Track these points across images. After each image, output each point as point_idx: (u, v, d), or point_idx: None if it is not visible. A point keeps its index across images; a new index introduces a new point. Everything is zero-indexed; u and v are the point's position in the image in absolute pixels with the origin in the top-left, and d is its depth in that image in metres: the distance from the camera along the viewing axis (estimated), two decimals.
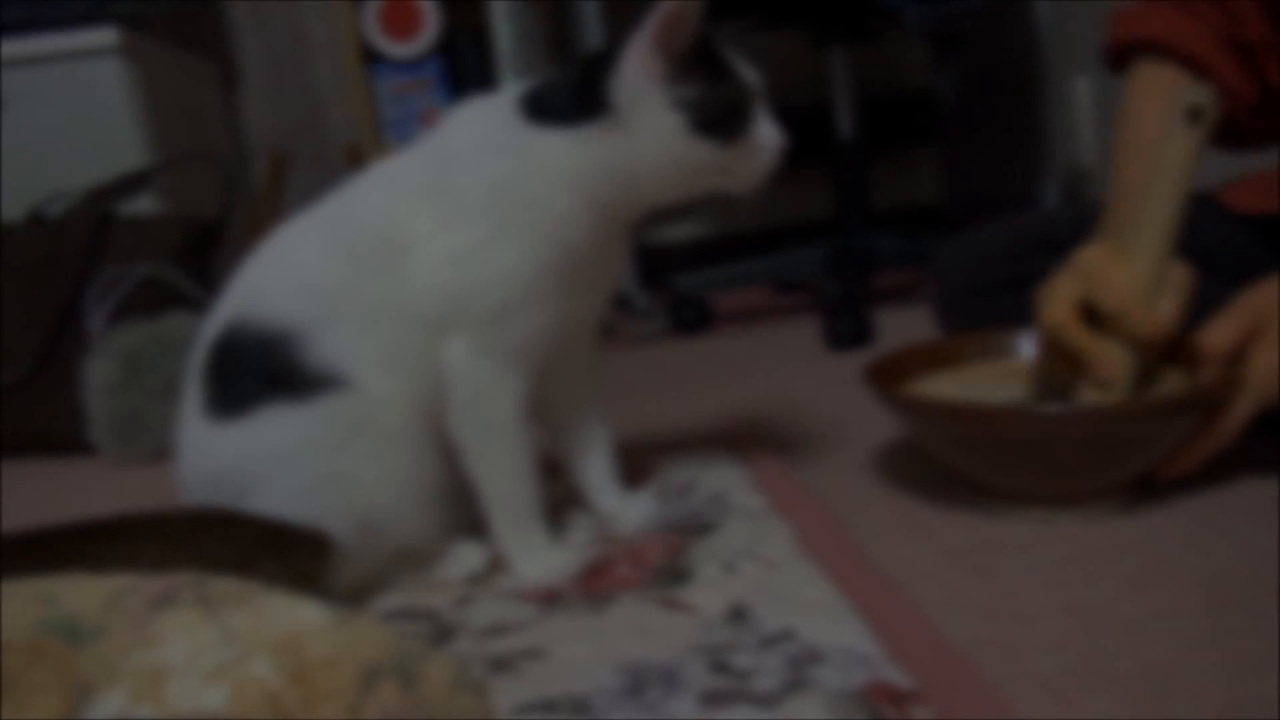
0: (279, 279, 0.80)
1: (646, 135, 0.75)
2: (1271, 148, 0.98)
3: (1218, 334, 0.78)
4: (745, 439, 1.12)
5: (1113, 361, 0.81)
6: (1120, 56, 0.98)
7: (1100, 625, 0.64)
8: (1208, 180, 1.01)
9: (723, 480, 0.97)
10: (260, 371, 0.77)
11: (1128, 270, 0.81)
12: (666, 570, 0.79)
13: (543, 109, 0.78)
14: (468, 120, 0.81)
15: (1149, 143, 0.89)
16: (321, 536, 0.74)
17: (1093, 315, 0.83)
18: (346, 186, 0.84)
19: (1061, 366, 0.87)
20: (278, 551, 0.71)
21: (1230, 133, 0.97)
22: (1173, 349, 0.84)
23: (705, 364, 1.61)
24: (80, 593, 0.50)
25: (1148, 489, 0.83)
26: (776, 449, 1.08)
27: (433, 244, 0.77)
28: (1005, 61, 2.36)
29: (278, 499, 0.75)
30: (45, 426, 1.53)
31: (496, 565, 0.84)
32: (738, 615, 0.70)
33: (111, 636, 0.49)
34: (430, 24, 2.05)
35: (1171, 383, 0.87)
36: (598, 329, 0.91)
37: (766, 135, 0.78)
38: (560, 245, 0.77)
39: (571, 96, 0.77)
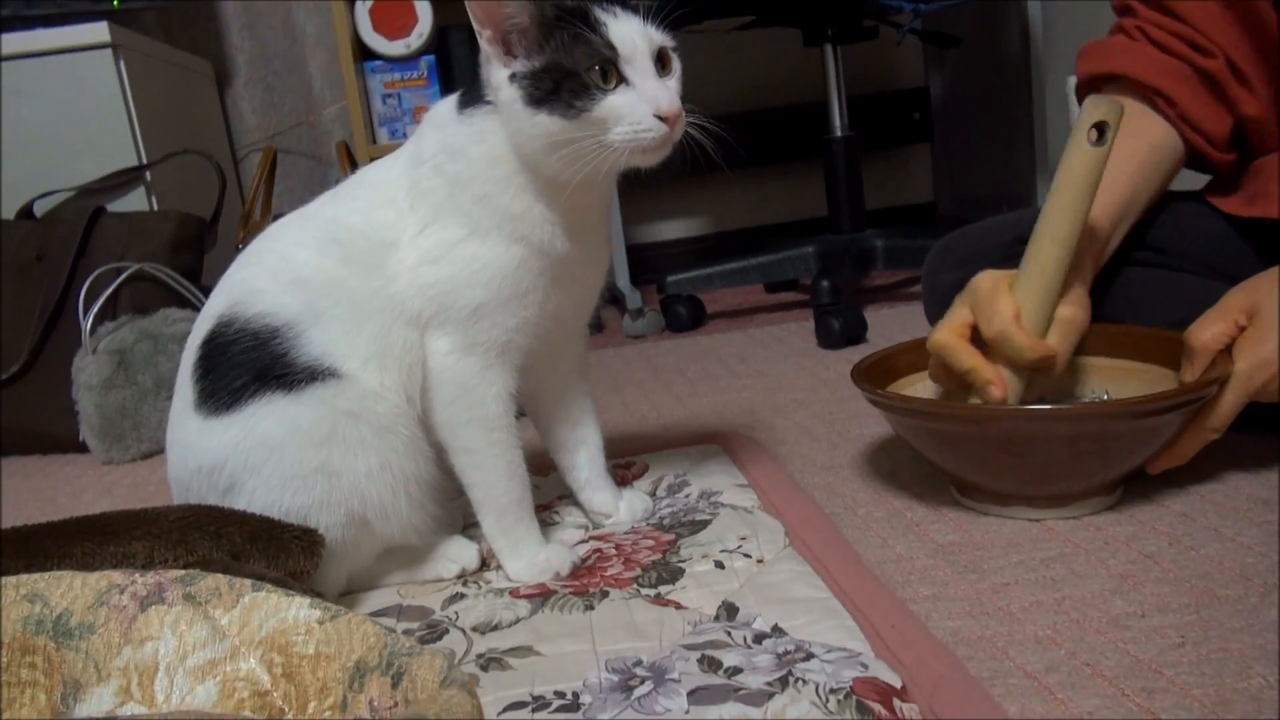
0: (271, 276, 0.80)
1: (504, 112, 0.75)
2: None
3: (1206, 330, 0.79)
4: (737, 437, 1.12)
5: (1001, 381, 0.81)
6: (1089, 90, 0.98)
7: (1088, 622, 0.65)
8: (1193, 184, 1.02)
9: (714, 478, 0.97)
10: (251, 366, 0.77)
11: (1013, 296, 0.81)
12: (657, 568, 0.79)
13: (469, 97, 0.79)
14: (432, 122, 0.82)
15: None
16: (311, 534, 0.74)
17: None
18: (338, 189, 0.85)
19: (950, 385, 0.87)
20: (267, 549, 0.71)
21: (1202, 164, 0.96)
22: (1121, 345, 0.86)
23: (697, 362, 1.61)
24: (70, 590, 0.51)
25: (1134, 487, 0.84)
26: (768, 447, 1.09)
27: (415, 244, 0.78)
28: (998, 60, 2.36)
29: (266, 491, 0.75)
30: (36, 424, 1.52)
31: (489, 561, 0.84)
32: (728, 613, 0.70)
33: (100, 634, 0.49)
34: (422, 21, 2.04)
35: (1154, 380, 0.87)
36: (587, 326, 0.91)
37: (628, 103, 0.71)
38: (526, 241, 0.77)
39: (479, 80, 0.78)
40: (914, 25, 1.74)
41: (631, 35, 0.72)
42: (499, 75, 0.74)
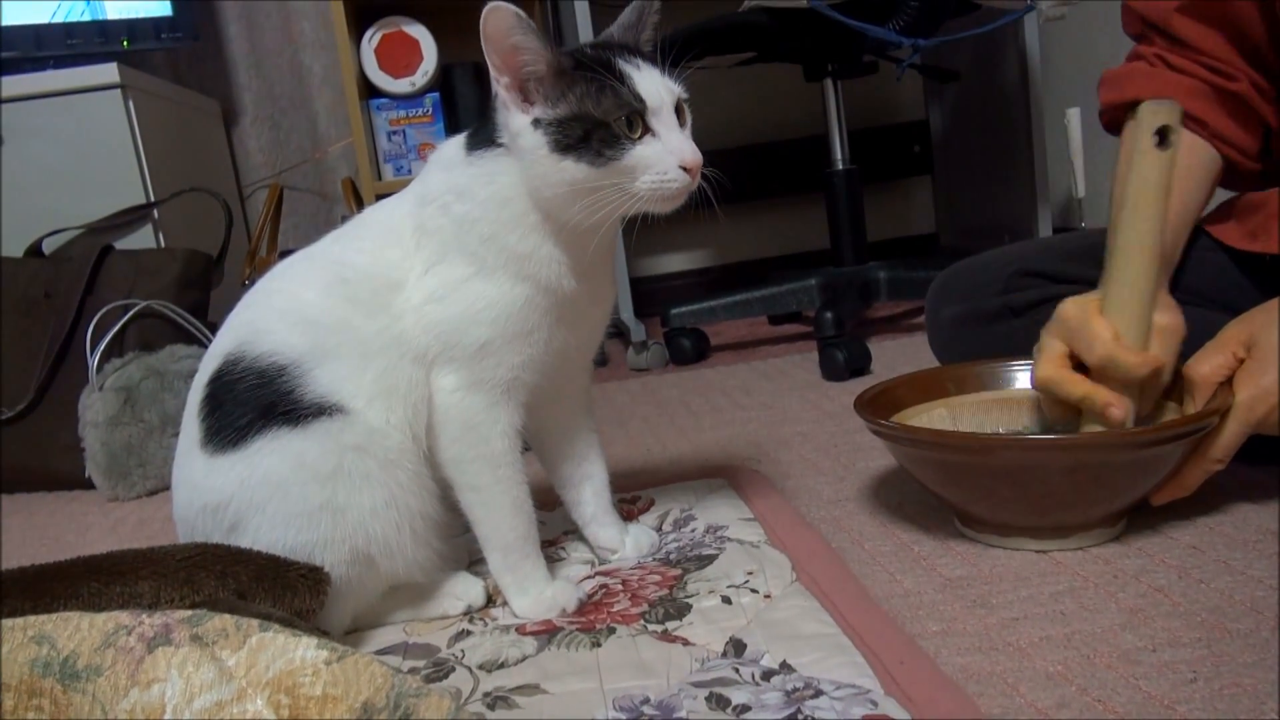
0: (277, 316, 0.81)
1: (524, 156, 0.75)
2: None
3: (1205, 363, 0.79)
4: (742, 470, 1.12)
5: (1119, 401, 0.79)
6: (1114, 118, 0.98)
7: (1098, 657, 0.64)
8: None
9: (719, 512, 0.97)
10: (257, 404, 0.77)
11: (1107, 319, 0.79)
12: (664, 603, 0.79)
13: (478, 138, 0.79)
14: (438, 161, 0.82)
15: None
16: (317, 572, 0.74)
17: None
18: (343, 228, 0.86)
19: (1064, 416, 0.85)
20: (273, 588, 0.71)
21: (1236, 176, 0.97)
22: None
23: (702, 395, 1.61)
24: (77, 632, 0.50)
25: (1142, 519, 0.83)
26: (773, 480, 1.08)
27: (421, 284, 0.79)
28: (997, 93, 2.39)
29: (270, 529, 0.75)
30: (42, 461, 1.53)
31: (495, 598, 0.84)
32: (735, 649, 0.70)
33: (108, 676, 0.49)
34: (427, 59, 2.07)
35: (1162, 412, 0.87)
36: (592, 362, 0.91)
37: (655, 153, 0.73)
38: (534, 280, 0.77)
39: (491, 120, 0.79)
40: (913, 60, 1.76)
41: (657, 89, 0.74)
42: (519, 121, 0.75)
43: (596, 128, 0.72)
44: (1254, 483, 0.88)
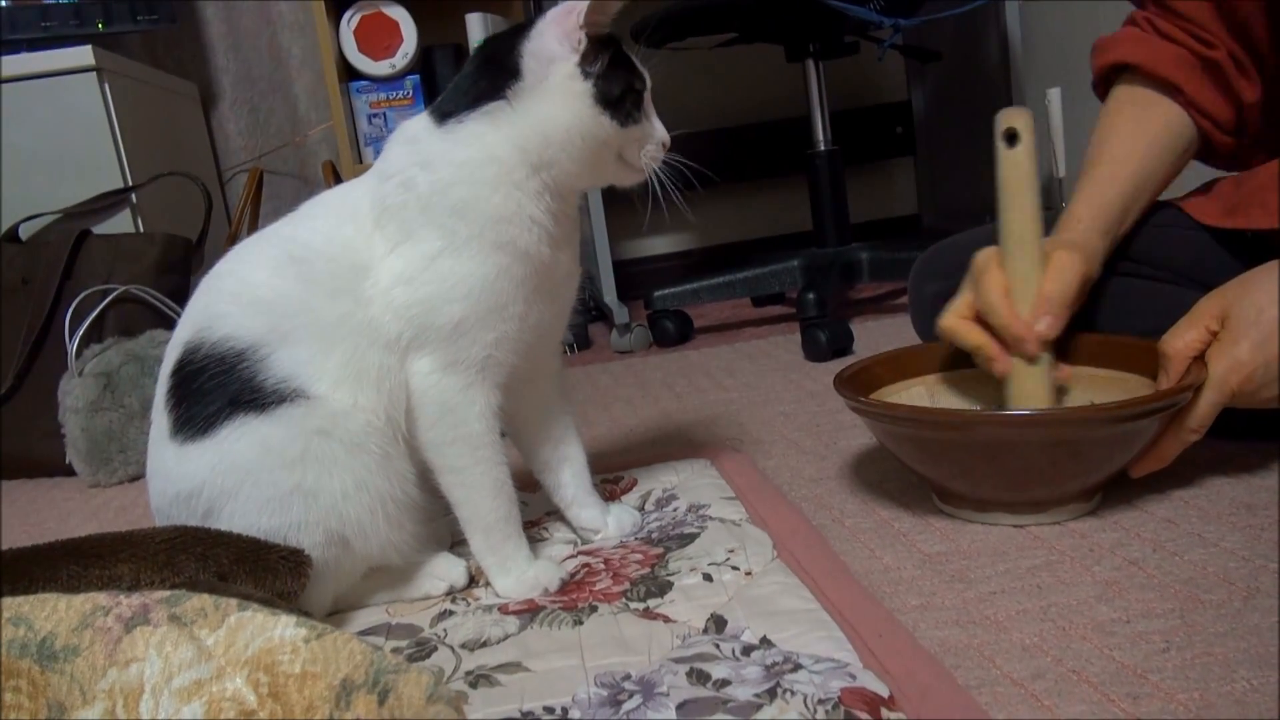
0: (231, 299, 0.80)
1: (555, 100, 0.77)
2: (1251, 165, 1.00)
3: (1179, 338, 0.80)
4: (724, 450, 1.12)
5: (1003, 356, 0.86)
6: (1104, 81, 1.01)
7: (1073, 629, 0.65)
8: (1171, 193, 1.03)
9: (701, 491, 0.98)
10: (222, 391, 0.77)
11: (1003, 272, 0.86)
12: (645, 581, 0.79)
13: (449, 108, 0.79)
14: (400, 140, 0.82)
15: (1112, 155, 0.93)
16: (298, 554, 0.74)
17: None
18: (298, 209, 0.85)
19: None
20: (254, 570, 0.71)
21: (1210, 150, 0.99)
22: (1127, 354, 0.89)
23: (685, 376, 1.61)
24: (54, 613, 0.50)
25: (1117, 493, 0.84)
26: (755, 459, 1.09)
27: (386, 265, 0.78)
28: (978, 73, 2.39)
29: (244, 515, 0.75)
30: (22, 448, 1.52)
31: (478, 578, 0.84)
32: (716, 625, 0.70)
33: (85, 656, 0.49)
34: (407, 41, 2.05)
35: (1135, 389, 0.88)
36: (561, 344, 0.91)
37: (657, 128, 0.82)
38: (507, 248, 0.77)
39: (475, 82, 0.79)
40: (895, 40, 1.75)
41: (647, 76, 0.81)
42: (569, 67, 0.76)
43: (629, 91, 0.78)
44: (1227, 457, 0.89)
